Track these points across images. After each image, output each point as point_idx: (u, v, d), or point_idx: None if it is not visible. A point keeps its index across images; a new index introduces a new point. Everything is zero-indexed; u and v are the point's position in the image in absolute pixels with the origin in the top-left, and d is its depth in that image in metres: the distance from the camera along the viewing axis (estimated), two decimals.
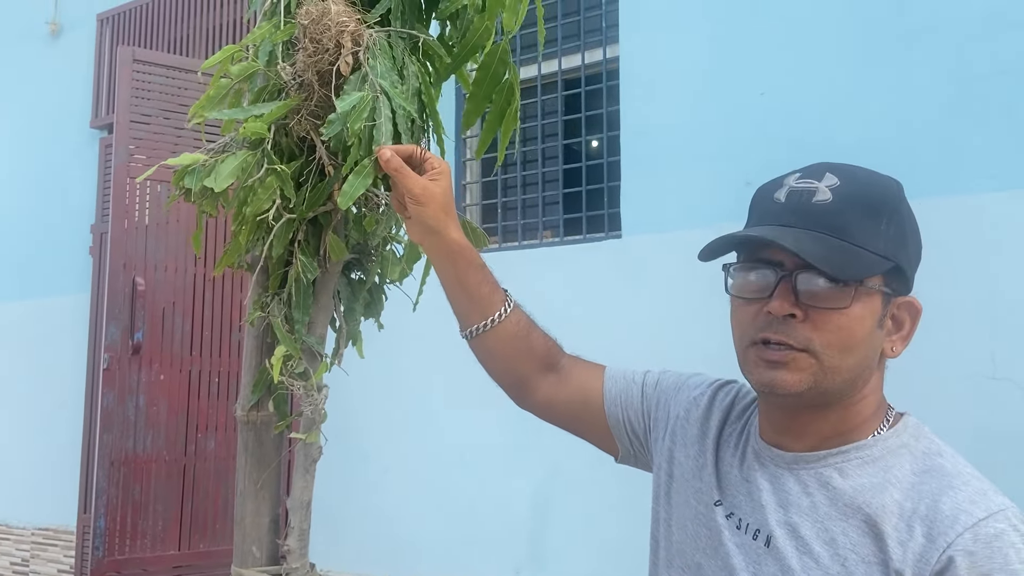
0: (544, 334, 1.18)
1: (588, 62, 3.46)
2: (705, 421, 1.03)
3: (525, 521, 3.22)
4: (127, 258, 3.33)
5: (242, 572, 1.33)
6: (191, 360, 3.43)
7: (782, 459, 0.92)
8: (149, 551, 3.29)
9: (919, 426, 0.92)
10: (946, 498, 0.83)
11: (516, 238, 3.57)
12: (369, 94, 1.15)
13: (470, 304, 1.15)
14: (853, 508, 0.86)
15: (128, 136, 3.35)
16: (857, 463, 0.88)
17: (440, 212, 1.09)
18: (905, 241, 0.89)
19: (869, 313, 0.88)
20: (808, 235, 0.87)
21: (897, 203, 0.89)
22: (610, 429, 1.14)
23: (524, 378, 1.18)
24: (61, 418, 4.51)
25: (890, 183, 0.91)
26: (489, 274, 1.15)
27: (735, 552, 0.92)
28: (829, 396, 0.89)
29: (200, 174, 1.22)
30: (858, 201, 0.88)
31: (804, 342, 0.87)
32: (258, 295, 1.37)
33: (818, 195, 0.88)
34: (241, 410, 1.38)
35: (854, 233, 0.87)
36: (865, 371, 0.90)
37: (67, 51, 5.02)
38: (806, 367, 0.87)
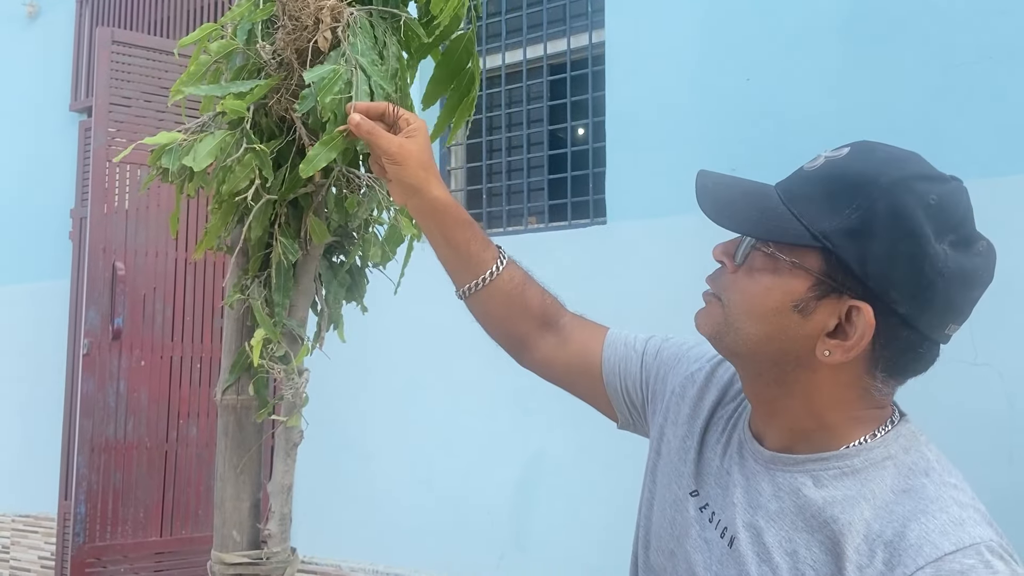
0: (542, 291, 1.14)
1: (574, 47, 3.44)
2: (699, 400, 0.99)
3: (509, 507, 3.22)
4: (107, 243, 3.29)
5: (222, 556, 1.32)
6: (172, 346, 3.40)
7: (760, 456, 0.88)
8: (130, 537, 3.27)
9: (913, 436, 0.84)
10: (916, 524, 0.76)
11: (501, 224, 3.55)
12: (342, 67, 1.13)
13: (460, 263, 1.12)
14: (820, 521, 0.80)
15: (107, 119, 3.31)
16: (835, 473, 0.82)
17: (419, 170, 1.05)
18: (867, 235, 0.77)
19: (779, 287, 0.81)
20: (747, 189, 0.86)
21: (883, 195, 0.78)
22: (608, 396, 1.10)
23: (521, 337, 1.14)
24: (41, 404, 4.47)
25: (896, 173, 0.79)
26: (478, 231, 1.11)
27: (701, 547, 0.89)
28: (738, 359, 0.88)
29: (178, 153, 1.20)
30: (837, 176, 0.81)
31: (720, 290, 0.88)
32: (238, 277, 1.36)
33: (814, 162, 0.85)
34: (219, 393, 1.37)
35: (800, 201, 0.81)
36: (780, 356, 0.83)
37: (45, 33, 4.94)
38: (715, 314, 0.87)
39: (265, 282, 1.33)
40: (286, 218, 1.32)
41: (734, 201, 0.85)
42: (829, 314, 0.80)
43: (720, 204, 0.85)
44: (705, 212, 0.85)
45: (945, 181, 0.81)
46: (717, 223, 0.84)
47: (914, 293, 0.78)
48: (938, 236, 0.77)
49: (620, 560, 3.21)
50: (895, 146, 0.85)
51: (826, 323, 0.81)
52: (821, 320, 0.81)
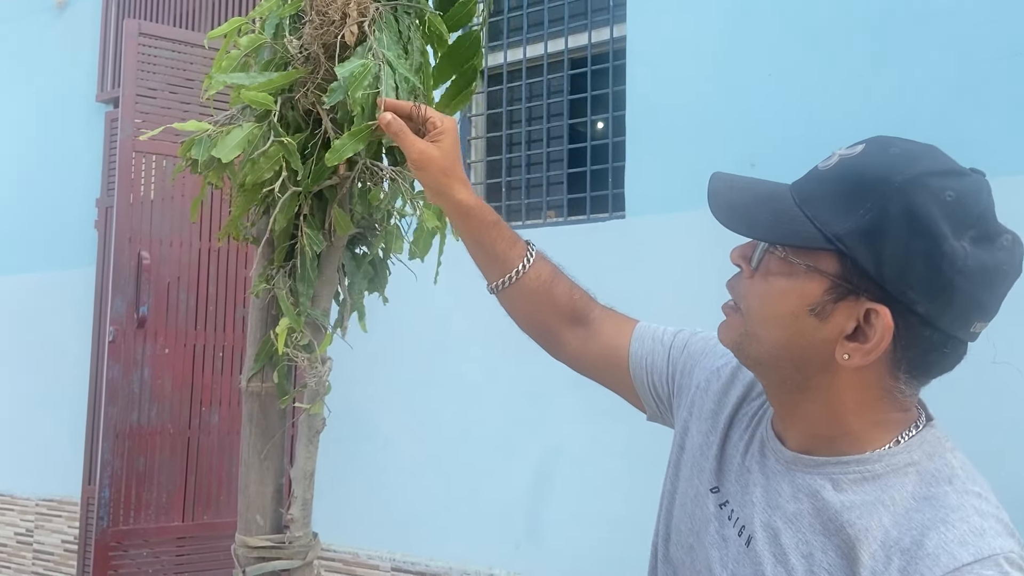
0: (570, 286, 1.16)
1: (595, 41, 3.45)
2: (723, 396, 0.98)
3: (525, 498, 3.24)
4: (132, 232, 3.34)
5: (246, 540, 1.35)
6: (195, 334, 3.45)
7: (782, 456, 0.87)
8: (153, 522, 3.32)
9: (938, 441, 0.82)
10: (934, 533, 0.74)
11: (520, 218, 3.57)
12: (371, 61, 1.15)
13: (488, 261, 1.14)
14: (836, 525, 0.79)
15: (134, 110, 3.35)
16: (855, 477, 0.81)
17: (440, 176, 1.08)
18: (882, 236, 0.76)
19: (795, 291, 0.80)
20: (760, 192, 0.85)
21: (897, 193, 0.76)
22: (636, 389, 1.11)
23: (551, 331, 1.16)
24: (66, 390, 4.54)
25: (910, 169, 0.77)
26: (505, 230, 1.14)
27: (719, 544, 0.89)
28: (760, 368, 0.87)
29: (207, 144, 1.23)
30: (850, 176, 0.79)
31: (738, 298, 0.87)
32: (263, 267, 1.38)
33: (828, 161, 0.83)
34: (244, 380, 1.40)
35: (813, 202, 0.80)
36: (800, 361, 0.82)
37: (73, 25, 5.00)
38: (736, 324, 0.87)
39: (290, 272, 1.36)
40: (311, 209, 1.34)
41: (747, 205, 0.84)
42: (847, 317, 0.79)
43: (732, 208, 0.84)
44: (716, 217, 0.85)
45: (963, 175, 0.79)
46: (728, 228, 0.84)
47: (933, 293, 0.76)
48: (956, 233, 0.75)
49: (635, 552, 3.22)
50: (913, 141, 0.83)
51: (844, 326, 0.79)
52: (839, 323, 0.79)
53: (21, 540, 4.80)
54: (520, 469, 3.25)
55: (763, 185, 0.87)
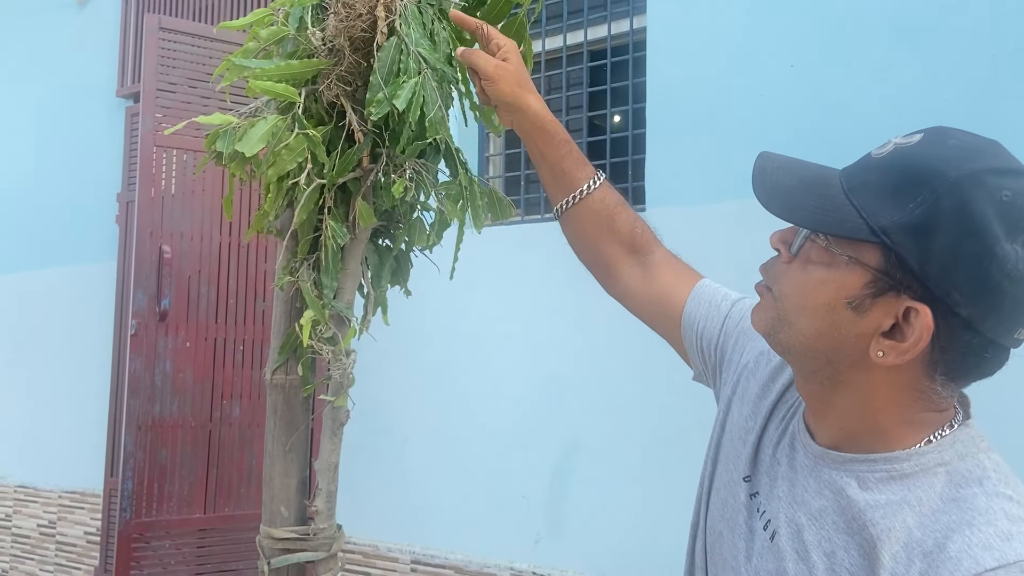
0: (633, 218, 1.16)
1: (614, 33, 3.43)
2: (770, 381, 0.95)
3: (545, 492, 3.24)
4: (153, 226, 3.36)
5: (271, 531, 1.36)
6: (216, 328, 3.47)
7: (811, 450, 0.85)
8: (175, 514, 3.35)
9: (972, 441, 0.79)
10: (959, 536, 0.71)
11: (539, 211, 3.56)
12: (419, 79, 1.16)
13: (554, 179, 1.16)
14: (859, 524, 0.77)
15: (155, 105, 3.37)
16: (883, 476, 0.78)
17: (516, 87, 1.11)
18: (930, 232, 0.72)
19: (833, 282, 0.77)
20: (807, 176, 0.81)
21: (951, 190, 0.72)
22: (684, 347, 1.09)
23: (608, 261, 1.16)
24: (88, 383, 4.58)
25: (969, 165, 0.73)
26: (574, 150, 1.16)
27: (746, 535, 0.88)
28: (791, 355, 0.84)
29: (231, 137, 1.23)
30: (905, 166, 0.76)
31: (773, 280, 0.85)
32: (287, 260, 1.39)
33: (882, 149, 0.79)
34: (269, 373, 1.40)
35: (862, 191, 0.77)
36: (833, 354, 0.79)
37: (93, 20, 5.03)
38: (769, 307, 0.85)
39: (314, 265, 1.36)
40: (335, 202, 1.34)
41: (791, 188, 0.81)
42: (885, 313, 0.76)
43: (775, 190, 0.81)
44: (758, 198, 0.81)
45: (1022, 175, 0.74)
46: (769, 211, 0.81)
47: (979, 296, 0.72)
48: (1010, 236, 0.71)
49: (655, 545, 3.22)
50: (974, 134, 0.79)
51: (881, 322, 0.76)
52: (876, 319, 0.76)
53: (44, 532, 4.85)
54: (540, 463, 3.25)
55: (811, 168, 0.83)
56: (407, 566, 3.57)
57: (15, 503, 5.02)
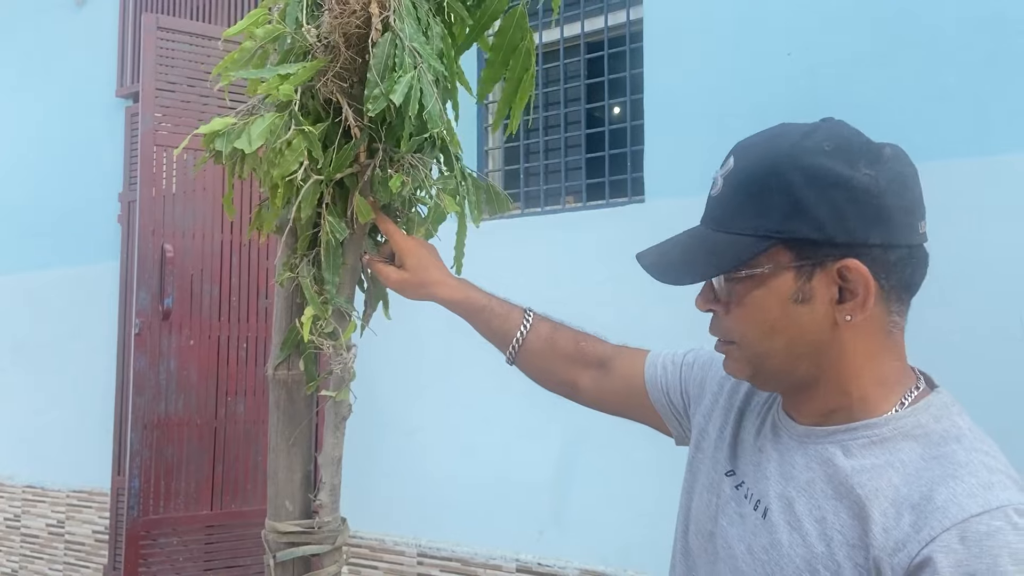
0: (574, 336, 1.25)
1: (611, 24, 3.43)
2: (733, 394, 1.03)
3: (549, 484, 3.26)
4: (155, 225, 3.37)
5: (276, 525, 1.37)
6: (219, 326, 3.49)
7: (794, 431, 0.91)
8: (182, 511, 3.37)
9: (946, 405, 0.85)
10: (943, 488, 0.77)
11: (538, 204, 3.57)
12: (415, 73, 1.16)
13: (492, 340, 1.29)
14: (847, 488, 0.82)
15: (154, 104, 3.38)
16: (864, 442, 0.84)
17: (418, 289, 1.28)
18: (804, 205, 0.82)
19: (773, 294, 0.85)
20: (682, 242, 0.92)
21: (789, 168, 0.83)
22: (658, 413, 1.17)
23: (567, 382, 1.25)
24: (93, 383, 4.61)
25: (783, 147, 0.85)
26: (496, 307, 1.27)
27: (736, 521, 0.92)
28: (784, 377, 0.90)
29: (230, 136, 1.24)
30: (744, 182, 0.86)
31: (726, 334, 0.92)
32: (287, 257, 1.39)
33: (714, 187, 0.90)
34: (271, 369, 1.41)
35: (733, 221, 0.86)
36: (811, 349, 0.86)
37: (91, 20, 5.04)
38: (739, 357, 0.92)
39: (314, 260, 1.37)
40: (333, 198, 1.35)
41: (683, 260, 0.90)
42: (827, 285, 0.84)
43: (673, 268, 0.90)
44: (666, 282, 0.91)
45: (820, 128, 0.86)
46: (681, 284, 0.90)
47: (873, 220, 0.82)
48: (852, 166, 0.82)
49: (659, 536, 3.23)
50: (761, 131, 0.90)
51: (830, 294, 0.84)
52: (823, 296, 0.84)
53: (53, 531, 4.88)
54: (544, 455, 3.27)
55: (681, 237, 0.94)
56: (413, 559, 3.59)
57: (23, 503, 5.05)
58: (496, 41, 1.30)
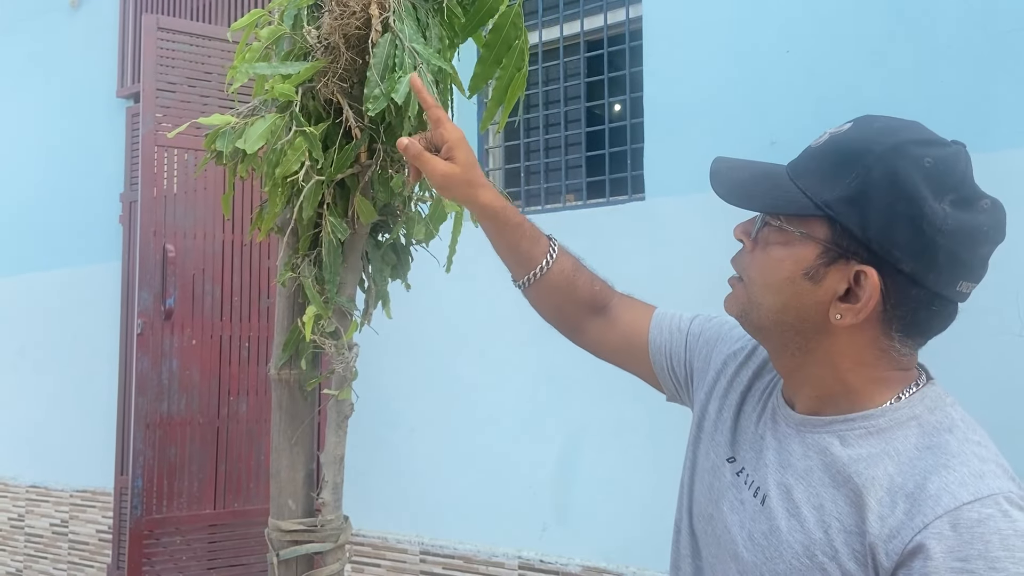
0: (591, 278, 1.21)
1: (611, 22, 3.43)
2: (737, 374, 1.04)
3: (550, 480, 3.27)
4: (157, 225, 3.38)
5: (279, 524, 1.38)
6: (221, 325, 3.49)
7: (791, 419, 0.92)
8: (185, 510, 3.38)
9: (939, 397, 0.87)
10: (936, 477, 0.79)
11: (539, 202, 3.57)
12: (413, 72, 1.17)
13: (513, 259, 1.19)
14: (844, 476, 0.84)
15: (155, 104, 3.38)
16: (861, 432, 0.86)
17: (464, 188, 1.11)
18: (866, 200, 0.82)
19: (790, 257, 0.87)
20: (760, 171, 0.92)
21: (879, 161, 0.82)
22: (655, 373, 1.17)
23: (573, 322, 1.22)
24: (96, 383, 4.62)
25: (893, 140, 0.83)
26: (528, 229, 1.18)
27: (736, 507, 0.93)
28: (764, 333, 0.93)
29: (231, 136, 1.24)
30: (839, 150, 0.86)
31: (742, 270, 0.94)
32: (289, 257, 1.40)
33: (819, 139, 0.90)
34: (274, 369, 1.42)
35: (805, 175, 0.87)
36: (797, 323, 0.87)
37: (91, 22, 5.04)
38: (739, 294, 0.94)
39: (315, 260, 1.38)
40: (334, 198, 1.36)
41: (744, 181, 0.92)
42: (839, 279, 0.85)
43: (732, 184, 0.92)
44: (717, 192, 0.92)
45: (943, 145, 0.84)
46: (727, 201, 0.91)
47: (916, 252, 0.81)
48: (936, 196, 0.80)
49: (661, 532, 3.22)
50: (897, 117, 0.88)
51: (837, 288, 0.85)
52: (831, 285, 0.85)
53: (56, 531, 4.89)
54: (545, 452, 3.28)
55: (760, 165, 0.94)
56: (416, 557, 3.60)
57: (27, 503, 5.06)
58: (490, 38, 1.30)
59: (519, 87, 1.32)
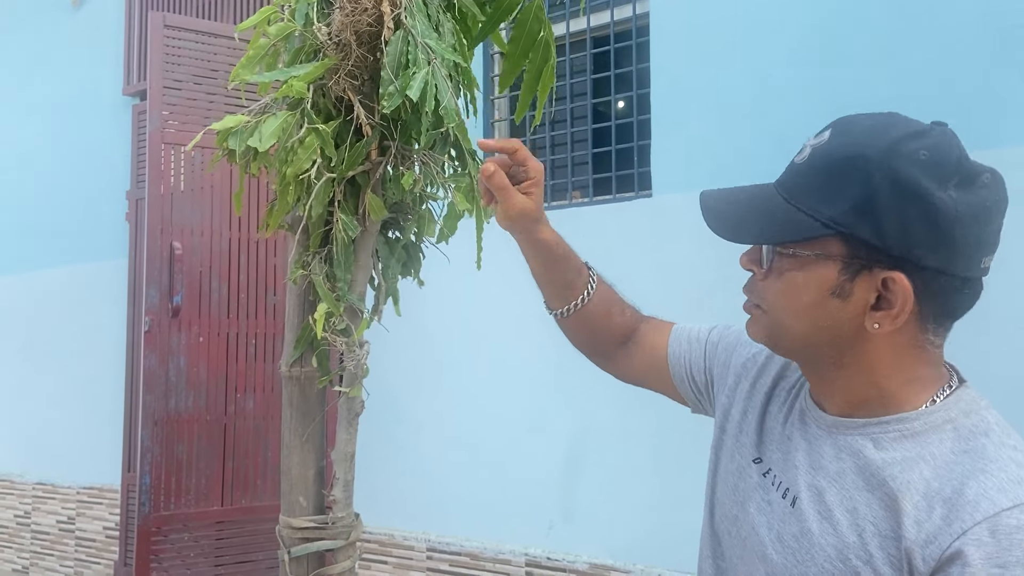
0: (622, 308, 1.20)
1: (617, 19, 3.42)
2: (759, 377, 1.04)
3: (557, 478, 3.27)
4: (164, 223, 3.38)
5: (290, 521, 1.38)
6: (228, 323, 3.50)
7: (823, 421, 0.91)
8: (193, 507, 3.39)
9: (974, 400, 0.86)
10: (974, 482, 0.78)
11: (545, 200, 3.57)
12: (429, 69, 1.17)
13: (552, 290, 1.18)
14: (879, 480, 0.83)
15: (161, 102, 3.38)
16: (895, 436, 0.84)
17: (532, 223, 1.11)
18: (875, 208, 0.80)
19: (811, 280, 0.84)
20: (749, 198, 0.89)
21: (877, 166, 0.80)
22: (676, 386, 1.16)
23: (602, 350, 1.22)
24: (103, 380, 4.63)
25: (882, 141, 0.81)
26: (573, 261, 1.16)
27: (764, 509, 0.92)
28: (797, 354, 0.91)
29: (243, 135, 1.24)
30: (829, 161, 0.83)
31: (758, 298, 0.91)
32: (299, 254, 1.40)
33: (801, 154, 0.87)
34: (285, 366, 1.42)
35: (803, 196, 0.84)
36: (831, 341, 0.86)
37: (97, 19, 5.05)
38: (761, 321, 0.92)
39: (326, 258, 1.38)
40: (344, 196, 1.36)
41: (741, 215, 0.89)
42: (867, 290, 0.83)
43: (730, 222, 0.89)
44: (717, 233, 0.89)
45: (929, 132, 0.83)
46: (733, 241, 0.89)
47: (937, 245, 0.80)
48: (941, 186, 0.79)
49: (668, 530, 3.23)
50: (872, 113, 0.87)
51: (867, 299, 0.83)
52: (861, 297, 0.83)
53: (63, 528, 4.91)
54: (552, 450, 3.27)
55: (750, 191, 0.91)
56: (423, 554, 3.60)
57: (34, 500, 5.07)
58: (515, 34, 1.31)
59: (549, 78, 1.33)
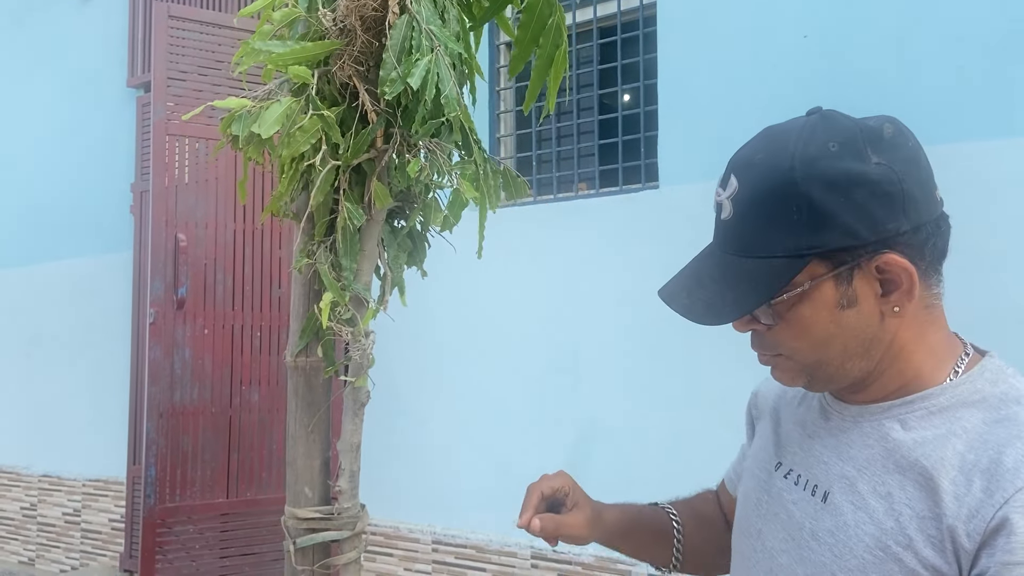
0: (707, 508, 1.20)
1: (624, 8, 3.40)
2: (765, 405, 1.06)
3: (564, 469, 3.25)
4: (168, 215, 3.38)
5: (296, 512, 1.37)
6: (233, 315, 3.49)
7: (847, 412, 0.90)
8: (198, 499, 3.39)
9: (1000, 369, 0.85)
10: (1011, 449, 0.76)
11: (551, 191, 3.55)
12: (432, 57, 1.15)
13: (647, 556, 1.18)
14: (910, 461, 0.81)
15: (166, 93, 3.37)
16: (922, 414, 0.83)
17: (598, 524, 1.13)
18: (829, 215, 0.80)
19: (819, 306, 0.83)
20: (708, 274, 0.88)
21: (801, 181, 0.80)
22: None
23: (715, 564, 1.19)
24: (108, 372, 4.63)
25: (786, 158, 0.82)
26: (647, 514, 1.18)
27: (792, 511, 0.90)
28: (840, 378, 0.88)
29: (247, 120, 1.23)
30: (757, 203, 0.84)
31: (773, 349, 0.89)
32: (304, 243, 1.39)
33: (723, 211, 0.87)
34: (290, 356, 1.41)
35: (759, 245, 0.83)
36: (864, 347, 0.85)
37: (102, 11, 5.04)
38: (789, 366, 0.89)
39: (331, 247, 1.36)
40: (350, 184, 1.34)
41: (718, 294, 0.87)
42: (869, 284, 0.83)
43: (712, 307, 0.87)
44: (706, 324, 0.87)
45: (817, 126, 0.83)
46: (723, 323, 0.87)
47: (898, 209, 0.81)
48: (863, 160, 0.80)
49: None
50: (753, 139, 0.88)
51: (874, 291, 0.83)
52: (868, 294, 0.83)
53: (69, 520, 4.92)
54: (558, 443, 3.26)
55: (704, 271, 0.90)
56: (428, 546, 3.60)
57: (40, 492, 5.09)
58: (524, 18, 1.28)
59: (561, 65, 1.30)
